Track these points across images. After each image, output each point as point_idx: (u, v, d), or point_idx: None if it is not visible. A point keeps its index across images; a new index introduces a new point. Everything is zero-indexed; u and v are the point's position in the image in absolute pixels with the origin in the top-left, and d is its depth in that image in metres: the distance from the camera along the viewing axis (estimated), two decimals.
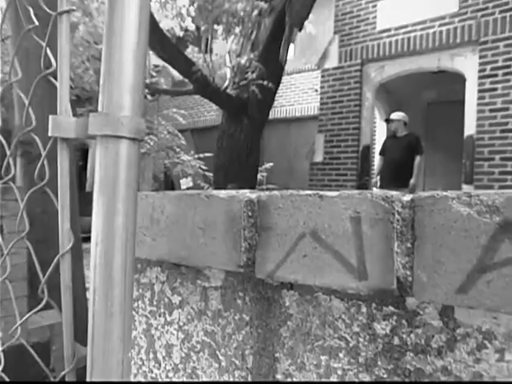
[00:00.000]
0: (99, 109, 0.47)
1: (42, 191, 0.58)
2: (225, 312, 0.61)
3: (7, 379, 0.96)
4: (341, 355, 0.50)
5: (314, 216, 0.48)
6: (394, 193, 0.45)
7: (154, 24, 4.65)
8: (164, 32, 4.78)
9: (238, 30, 5.76)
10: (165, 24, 5.52)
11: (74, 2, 4.65)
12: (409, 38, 5.08)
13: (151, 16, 4.53)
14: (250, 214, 0.54)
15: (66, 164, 0.57)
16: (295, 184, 8.18)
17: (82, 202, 2.75)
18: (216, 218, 0.57)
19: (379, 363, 0.47)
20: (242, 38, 5.57)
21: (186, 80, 7.22)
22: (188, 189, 7.83)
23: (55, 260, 0.52)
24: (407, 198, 0.45)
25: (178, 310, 0.67)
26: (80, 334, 0.63)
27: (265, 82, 5.30)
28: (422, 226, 0.42)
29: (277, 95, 5.75)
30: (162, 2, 5.52)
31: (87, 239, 0.66)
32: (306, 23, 5.38)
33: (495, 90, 4.49)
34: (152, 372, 0.71)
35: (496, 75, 4.49)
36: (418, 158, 4.80)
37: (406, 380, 0.45)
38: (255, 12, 4.99)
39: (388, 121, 4.89)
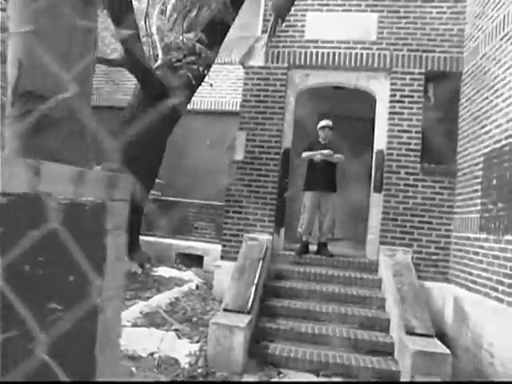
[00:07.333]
0: None
1: None
2: None
3: None
4: None
5: None
6: None
7: None
8: None
9: (171, 5, 4.91)
10: None
11: None
12: (334, 53, 5.46)
13: None
14: None
15: None
16: (180, 180, 7.58)
17: None
18: None
19: None
20: (176, 14, 4.77)
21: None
22: None
23: None
24: None
25: None
26: None
27: (201, 68, 4.72)
28: None
29: None
30: None
31: None
32: None
33: (402, 113, 5.31)
34: None
35: (403, 101, 5.32)
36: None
37: None
38: None
39: (326, 128, 5.17)
